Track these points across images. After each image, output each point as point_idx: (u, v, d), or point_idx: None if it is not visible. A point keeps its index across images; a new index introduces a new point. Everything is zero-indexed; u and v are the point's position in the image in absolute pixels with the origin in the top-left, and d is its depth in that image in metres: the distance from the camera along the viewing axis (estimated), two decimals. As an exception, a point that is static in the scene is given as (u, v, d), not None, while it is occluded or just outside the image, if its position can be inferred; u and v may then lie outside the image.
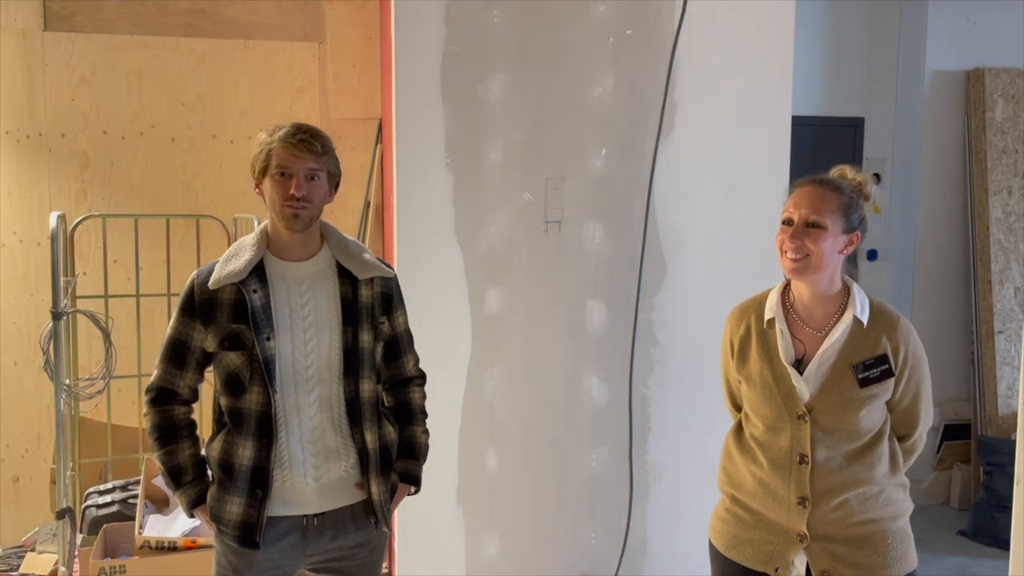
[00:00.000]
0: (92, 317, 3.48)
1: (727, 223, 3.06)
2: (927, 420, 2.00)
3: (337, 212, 4.07)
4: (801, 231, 1.87)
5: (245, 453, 1.95)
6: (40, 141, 3.95)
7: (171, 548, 3.03)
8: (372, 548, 2.10)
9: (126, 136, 4.03)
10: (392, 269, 2.13)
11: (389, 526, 2.09)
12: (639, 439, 3.05)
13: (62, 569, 3.25)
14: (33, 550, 3.61)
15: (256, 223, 3.53)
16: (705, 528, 2.14)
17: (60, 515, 3.26)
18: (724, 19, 3.01)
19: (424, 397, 2.23)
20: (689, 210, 3.04)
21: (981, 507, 4.50)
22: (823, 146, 4.90)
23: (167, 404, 2.03)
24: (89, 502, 3.42)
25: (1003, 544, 4.11)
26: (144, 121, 4.04)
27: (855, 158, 5.06)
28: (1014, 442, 1.49)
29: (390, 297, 2.10)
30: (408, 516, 2.95)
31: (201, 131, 4.10)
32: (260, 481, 1.95)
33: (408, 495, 2.18)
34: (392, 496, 2.11)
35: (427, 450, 2.21)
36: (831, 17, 4.91)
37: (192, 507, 2.03)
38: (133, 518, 3.22)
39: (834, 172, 1.98)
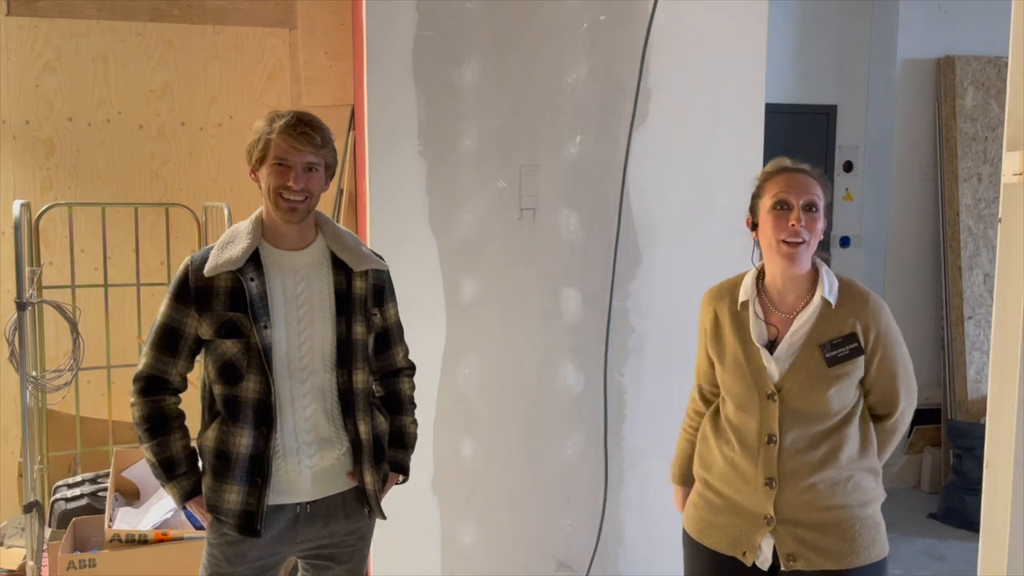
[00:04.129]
0: (59, 307, 3.43)
1: (701, 210, 3.07)
2: (909, 398, 2.00)
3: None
4: (802, 214, 1.89)
5: (243, 442, 1.94)
6: (3, 128, 3.87)
7: (142, 541, 3.00)
8: (361, 536, 2.12)
9: (92, 123, 3.96)
10: (385, 262, 2.13)
11: (383, 514, 2.11)
12: (614, 426, 3.05)
13: (31, 563, 3.21)
14: (1, 544, 3.56)
15: (227, 212, 3.49)
16: (680, 516, 2.15)
17: (28, 509, 3.21)
18: (697, 6, 3.00)
19: (413, 388, 2.24)
20: (663, 197, 3.04)
21: (951, 490, 4.57)
22: (796, 134, 4.93)
23: (157, 394, 1.99)
24: (58, 495, 3.38)
25: (973, 526, 4.18)
26: (111, 108, 3.97)
27: (827, 146, 5.10)
28: (983, 426, 1.50)
29: (382, 289, 2.11)
30: (384, 506, 2.93)
31: (170, 118, 4.03)
32: (259, 469, 1.94)
33: (396, 483, 2.20)
34: (383, 485, 2.12)
35: (416, 440, 2.23)
36: (804, 5, 4.93)
37: (186, 499, 2.00)
38: (103, 511, 3.19)
39: (775, 163, 2.00)
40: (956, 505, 4.49)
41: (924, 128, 4.97)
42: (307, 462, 1.99)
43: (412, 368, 2.25)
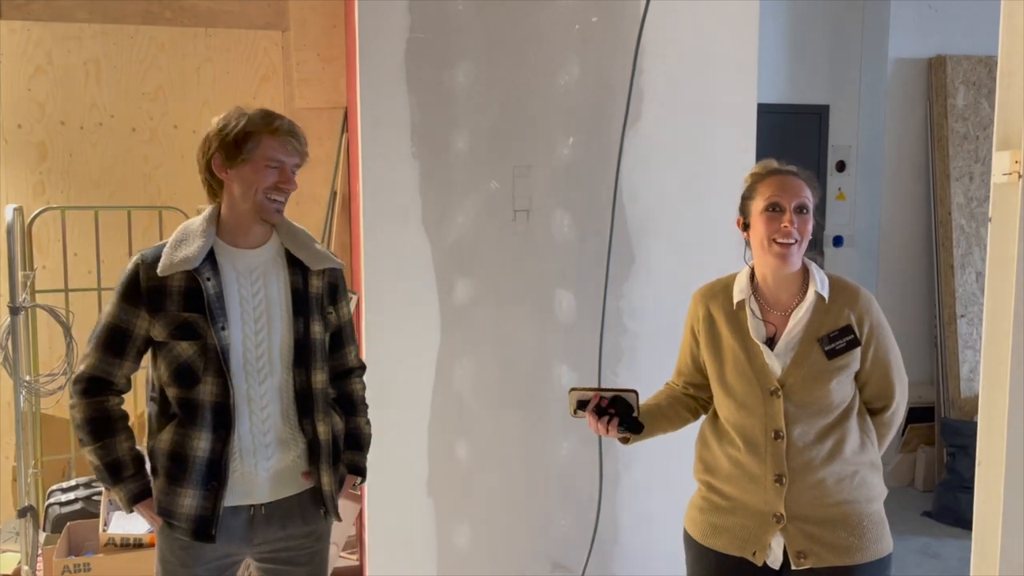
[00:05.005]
0: (52, 311, 3.42)
1: (694, 211, 3.07)
2: (902, 389, 2.03)
3: (304, 202, 4.03)
4: (794, 216, 1.92)
5: (200, 444, 1.90)
6: (-5, 132, 3.86)
7: (136, 545, 2.99)
8: (319, 537, 2.08)
9: (84, 126, 3.95)
10: (339, 260, 2.10)
11: (339, 516, 2.07)
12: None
13: (26, 568, 3.20)
14: (-5, 550, 3.54)
15: (220, 214, 3.48)
16: (675, 515, 2.15)
17: (22, 513, 3.21)
18: (689, 7, 3.01)
19: (364, 388, 2.21)
20: (656, 198, 3.04)
21: (945, 488, 4.58)
22: (789, 134, 4.94)
23: (100, 395, 1.93)
24: (52, 500, 3.37)
25: (966, 524, 4.19)
26: (103, 111, 3.96)
27: (820, 145, 5.11)
28: (976, 424, 1.51)
29: (336, 287, 2.08)
30: (379, 508, 2.94)
31: (162, 121, 4.03)
32: (216, 472, 1.90)
33: (353, 485, 2.17)
34: (340, 487, 2.09)
35: (370, 440, 2.20)
36: (795, 5, 4.94)
37: (134, 502, 1.95)
38: (97, 515, 3.18)
39: (762, 165, 2.03)
40: (950, 503, 4.50)
41: (916, 127, 4.99)
42: (264, 464, 1.95)
43: (363, 367, 2.22)
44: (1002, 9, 1.45)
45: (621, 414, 1.98)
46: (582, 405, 1.99)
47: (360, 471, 2.15)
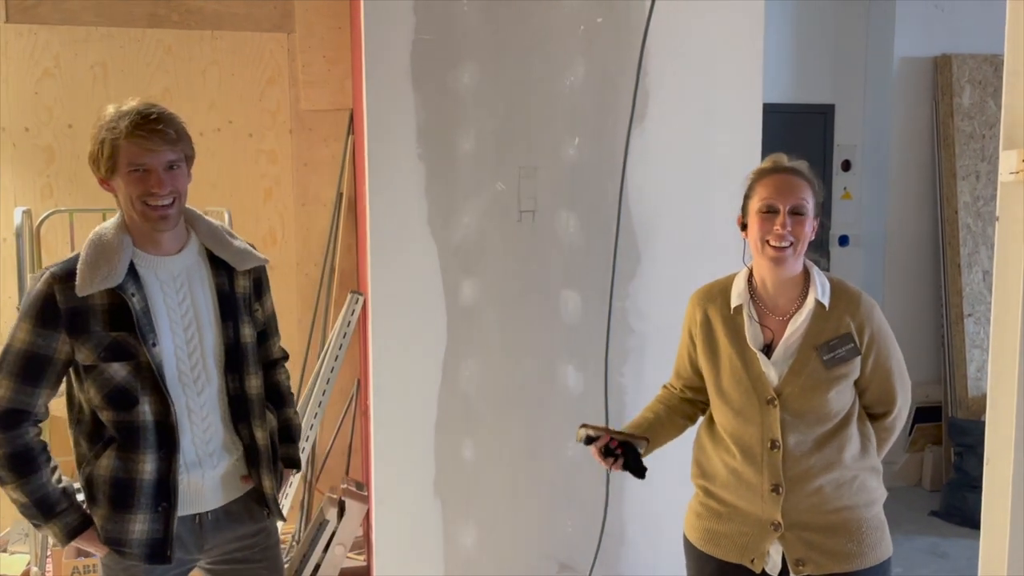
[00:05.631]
0: (60, 314, 3.43)
1: (700, 210, 3.07)
2: (905, 394, 1.99)
3: (310, 204, 4.04)
4: (789, 219, 1.86)
5: (145, 468, 1.79)
6: (3, 136, 3.88)
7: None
8: (269, 533, 2.03)
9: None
10: (262, 256, 2.01)
11: (283, 516, 2.04)
12: (615, 427, 3.05)
13: (35, 569, 3.21)
14: (5, 551, 3.56)
15: (227, 216, 3.49)
16: (682, 515, 2.15)
17: (31, 515, 3.21)
18: (694, 7, 3.01)
19: (289, 377, 2.15)
20: (662, 198, 3.04)
21: (952, 488, 4.57)
22: (794, 133, 4.93)
23: (18, 428, 1.77)
24: (61, 501, 3.37)
25: (974, 524, 4.17)
26: (110, 114, 3.97)
27: (825, 145, 5.10)
28: (984, 423, 1.51)
29: (260, 281, 2.01)
30: (386, 509, 2.94)
31: (169, 124, 4.03)
32: (165, 493, 1.81)
33: (290, 478, 2.16)
34: (280, 485, 2.04)
35: (300, 431, 2.17)
36: (801, 5, 4.94)
37: (71, 537, 1.82)
38: (106, 517, 3.18)
39: (769, 161, 1.98)
40: (957, 503, 4.49)
41: (922, 126, 4.98)
42: (210, 472, 1.89)
43: (286, 356, 2.15)
44: (1008, 8, 1.45)
45: (627, 457, 2.00)
46: (590, 440, 2.00)
47: (295, 463, 2.11)
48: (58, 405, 1.94)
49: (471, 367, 2.95)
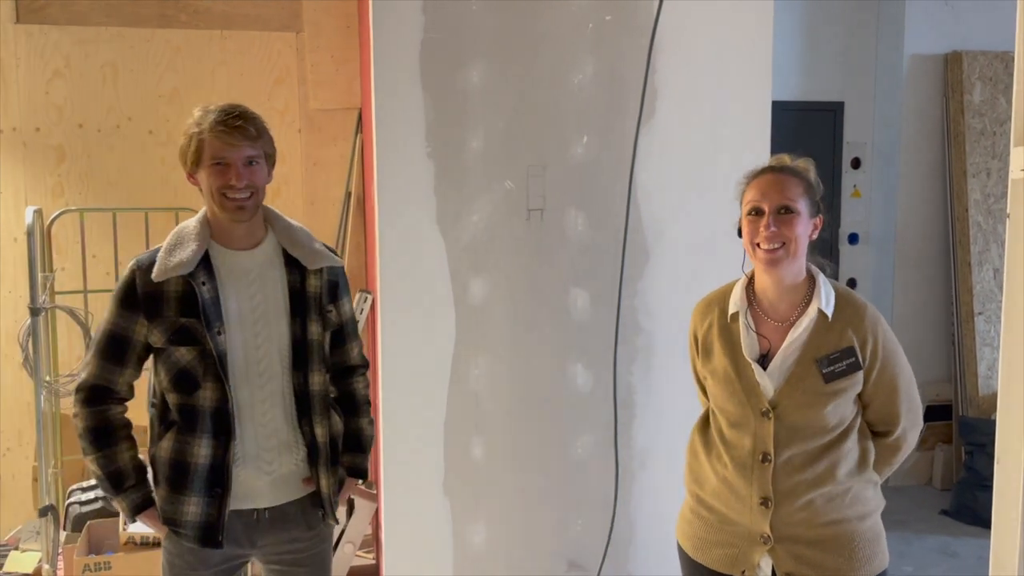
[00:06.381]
0: (71, 312, 3.45)
1: (709, 208, 3.06)
2: (911, 416, 1.91)
3: (319, 203, 4.05)
4: (775, 219, 1.80)
5: (201, 451, 1.87)
6: (14, 136, 3.90)
7: (156, 544, 3.01)
8: (323, 539, 2.07)
9: (102, 129, 3.98)
10: (340, 258, 2.08)
11: (336, 518, 2.06)
12: (624, 426, 3.05)
13: (46, 567, 3.23)
14: (17, 548, 3.58)
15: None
16: (690, 513, 2.15)
17: (43, 513, 3.24)
18: (703, 4, 3.00)
19: (367, 386, 2.18)
20: (671, 196, 3.04)
21: (963, 487, 4.55)
22: (803, 131, 4.92)
23: (103, 404, 1.90)
24: (72, 499, 3.40)
25: (984, 522, 4.15)
26: (120, 114, 3.99)
27: (835, 143, 5.09)
28: (994, 422, 1.50)
29: (337, 284, 2.05)
30: (395, 507, 2.95)
31: (179, 123, 4.00)
32: (219, 479, 1.88)
33: (353, 487, 2.16)
34: (340, 488, 2.07)
35: (372, 441, 2.17)
36: (810, 2, 4.92)
37: (136, 512, 1.93)
38: (117, 515, 3.20)
39: (774, 161, 1.93)
40: (968, 502, 4.47)
41: (932, 124, 4.96)
42: (266, 468, 1.93)
43: (366, 365, 2.18)
44: (1018, 4, 1.44)
45: None
46: None
47: (361, 473, 2.13)
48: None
49: (480, 365, 2.95)
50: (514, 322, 2.96)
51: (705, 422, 2.02)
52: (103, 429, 1.90)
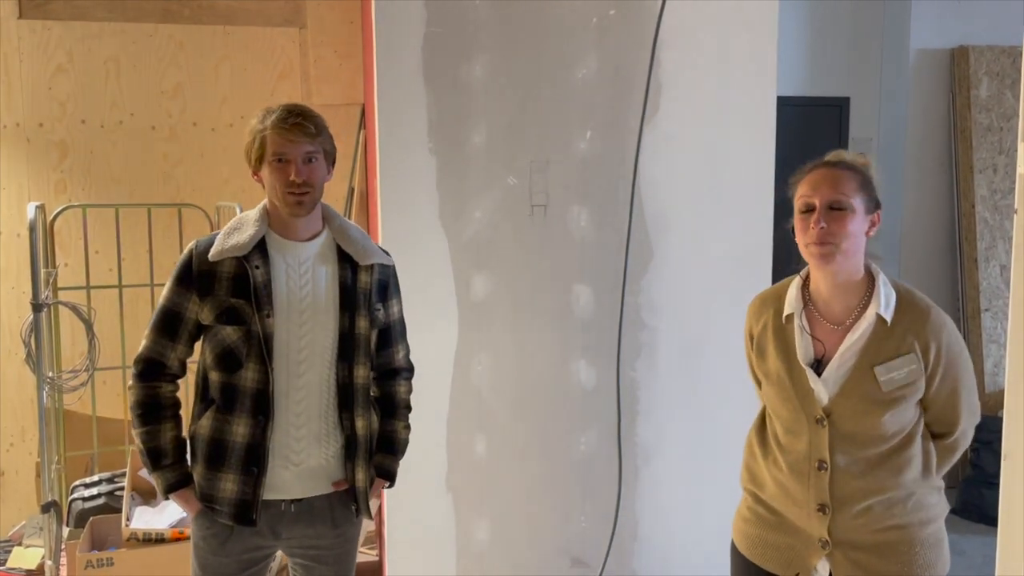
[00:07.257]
0: (74, 308, 3.45)
1: (713, 204, 3.05)
2: (970, 417, 1.85)
3: (322, 198, 4.04)
4: (826, 215, 1.74)
5: (239, 431, 1.93)
6: (17, 131, 3.90)
7: (159, 540, 3.02)
8: (349, 538, 2.09)
9: (105, 125, 3.98)
10: (391, 257, 2.12)
11: (370, 514, 2.08)
12: (627, 422, 3.04)
13: (49, 563, 3.23)
14: (20, 544, 3.59)
15: (239, 211, 3.50)
16: (695, 510, 2.14)
17: (46, 508, 3.24)
18: (708, -1, 2.98)
19: (410, 391, 2.20)
20: (674, 192, 3.02)
21: (969, 484, 4.54)
22: (808, 126, 4.89)
23: (154, 380, 1.98)
24: (75, 495, 3.40)
25: (991, 520, 4.15)
26: (123, 109, 3.99)
27: (840, 138, 5.06)
28: (1001, 419, 1.49)
29: (387, 284, 2.09)
30: (398, 504, 2.94)
31: (181, 119, 4.05)
32: (255, 459, 1.93)
33: (381, 489, 2.16)
34: (372, 484, 2.09)
35: (406, 446, 2.18)
36: (815, -4, 4.89)
37: (169, 490, 2.00)
38: (120, 510, 3.21)
39: (831, 156, 1.88)
40: (974, 499, 4.46)
41: (938, 119, 4.93)
42: (294, 459, 1.97)
43: (411, 370, 2.22)
44: (1027, -3, 1.42)
45: None
46: None
47: (389, 476, 2.14)
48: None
49: (483, 362, 2.95)
50: (517, 319, 2.95)
51: (762, 423, 1.96)
52: (151, 405, 1.97)
